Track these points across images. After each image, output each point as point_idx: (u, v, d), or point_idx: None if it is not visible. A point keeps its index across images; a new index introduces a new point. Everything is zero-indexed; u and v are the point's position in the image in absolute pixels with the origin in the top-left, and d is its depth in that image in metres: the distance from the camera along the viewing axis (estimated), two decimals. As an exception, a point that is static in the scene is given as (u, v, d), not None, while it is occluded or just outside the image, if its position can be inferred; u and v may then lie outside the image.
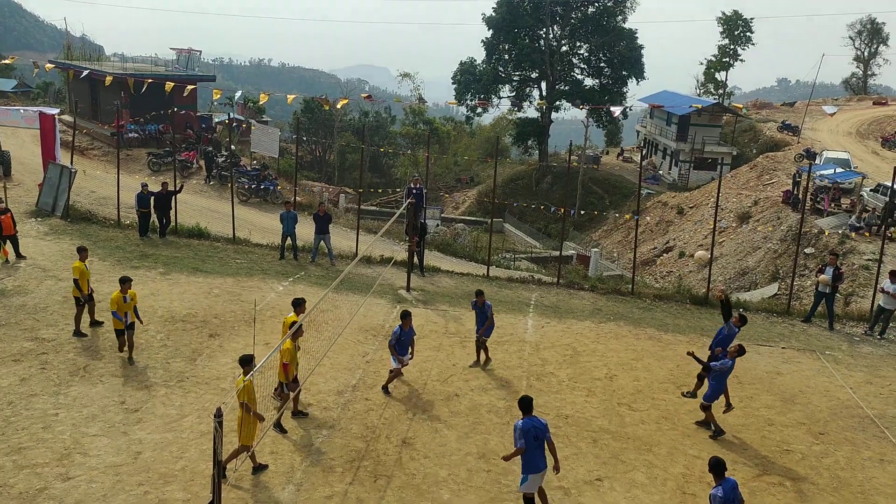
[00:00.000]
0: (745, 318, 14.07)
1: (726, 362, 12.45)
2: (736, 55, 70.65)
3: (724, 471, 8.85)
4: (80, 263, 15.04)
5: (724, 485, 8.70)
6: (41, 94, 62.02)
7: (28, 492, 9.99)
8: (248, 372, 10.13)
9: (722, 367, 12.44)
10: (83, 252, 15.40)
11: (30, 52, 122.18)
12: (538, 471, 9.66)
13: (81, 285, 14.91)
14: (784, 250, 31.59)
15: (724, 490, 8.62)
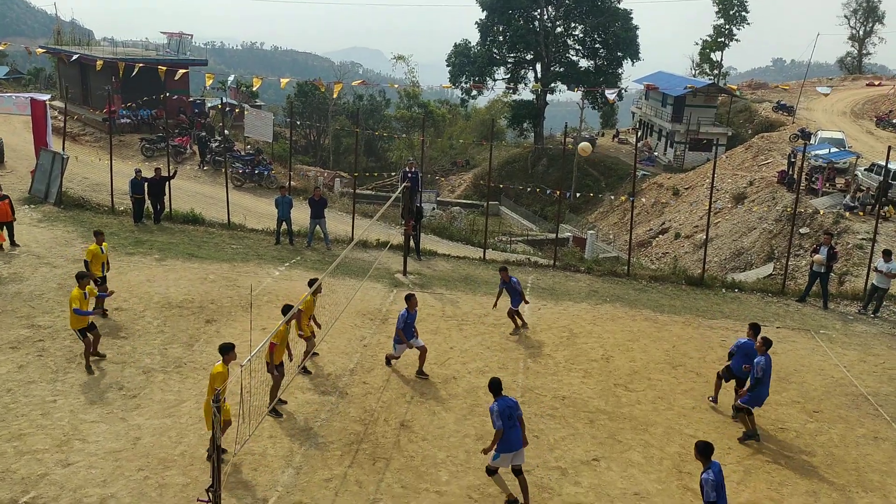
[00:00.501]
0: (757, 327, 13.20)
1: (760, 360, 11.84)
2: (731, 35, 70.38)
3: (711, 454, 8.88)
4: (96, 247, 15.15)
5: (713, 467, 8.79)
6: (32, 80, 61.50)
7: (30, 477, 10.04)
8: (227, 361, 10.26)
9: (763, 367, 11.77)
10: (99, 235, 15.49)
11: (21, 38, 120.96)
12: (511, 450, 9.91)
13: (93, 268, 14.98)
14: (779, 230, 31.67)
15: (713, 472, 8.70)
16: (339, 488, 10.30)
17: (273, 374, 11.89)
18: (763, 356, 11.91)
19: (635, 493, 10.68)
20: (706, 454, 8.85)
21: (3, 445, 10.71)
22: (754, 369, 11.90)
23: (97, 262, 15.16)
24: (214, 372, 10.18)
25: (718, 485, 8.67)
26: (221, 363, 10.25)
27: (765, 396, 12.09)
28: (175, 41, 46.98)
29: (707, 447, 8.90)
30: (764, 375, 11.84)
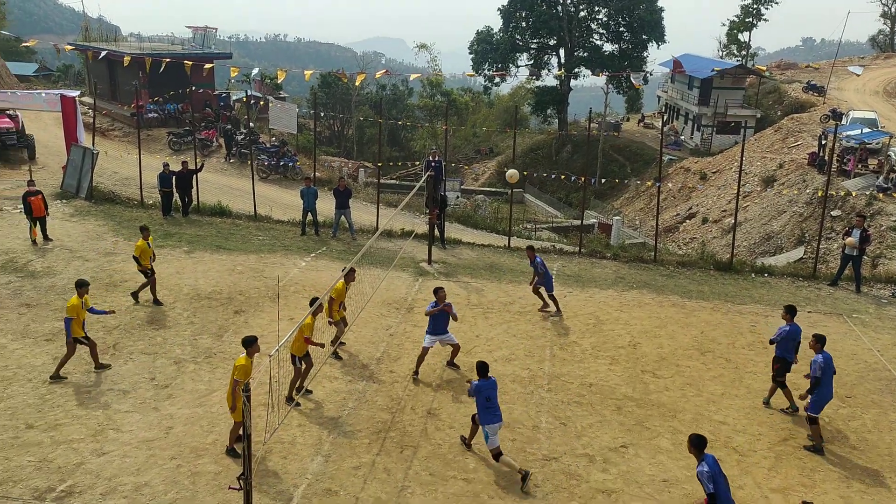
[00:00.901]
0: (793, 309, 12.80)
1: (817, 359, 11.27)
2: (759, 15, 69.04)
3: (705, 447, 8.87)
4: (143, 242, 15.55)
5: (707, 459, 8.77)
6: (62, 76, 62.45)
7: (66, 466, 10.28)
8: (251, 354, 10.38)
9: (821, 366, 11.22)
10: (145, 231, 15.87)
11: (49, 35, 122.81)
12: (494, 422, 10.45)
13: (144, 262, 15.47)
14: (810, 213, 31.13)
15: (708, 465, 8.70)
16: (368, 476, 10.40)
17: (295, 367, 12.02)
18: (820, 354, 11.30)
19: (664, 479, 10.64)
20: (700, 447, 8.83)
21: (40, 435, 10.98)
22: (812, 370, 11.28)
23: (145, 256, 15.61)
24: (237, 364, 10.33)
25: (715, 474, 8.63)
26: (245, 356, 10.37)
27: (828, 398, 11.43)
28: (200, 35, 47.39)
29: (700, 440, 8.87)
30: (823, 375, 11.20)
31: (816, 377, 11.24)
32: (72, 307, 12.52)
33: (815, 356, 11.35)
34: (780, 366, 12.50)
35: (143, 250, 15.54)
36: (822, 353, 11.33)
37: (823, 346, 11.42)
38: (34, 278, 16.89)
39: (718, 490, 8.57)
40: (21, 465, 10.25)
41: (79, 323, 12.60)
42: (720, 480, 8.66)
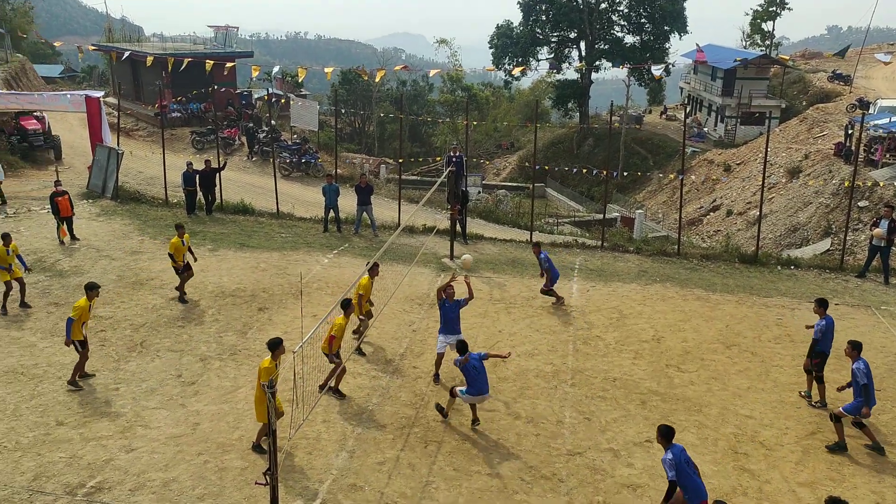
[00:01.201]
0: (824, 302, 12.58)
1: (859, 366, 10.90)
2: (783, 4, 67.89)
3: (672, 437, 8.98)
4: (177, 240, 15.88)
5: (673, 449, 8.87)
6: (86, 77, 63.29)
7: (96, 463, 10.45)
8: (276, 356, 10.35)
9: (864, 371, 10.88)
10: (180, 229, 16.19)
11: (74, 36, 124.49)
12: (479, 394, 11.29)
13: (177, 259, 15.83)
14: (836, 204, 30.66)
15: (673, 453, 8.80)
16: (393, 471, 10.45)
17: (333, 361, 12.10)
18: (861, 360, 10.96)
19: (690, 474, 10.55)
20: (668, 437, 8.96)
21: (70, 432, 11.17)
22: (858, 377, 10.86)
23: (179, 253, 15.93)
24: (262, 367, 10.31)
25: (679, 463, 8.74)
26: (270, 358, 10.35)
27: (872, 403, 11.00)
28: (221, 35, 47.80)
29: (668, 430, 9.01)
30: (868, 380, 10.83)
31: (865, 384, 10.80)
32: (78, 308, 12.38)
33: (855, 363, 10.93)
34: (819, 360, 12.30)
35: (177, 248, 15.90)
36: (861, 359, 10.99)
37: (860, 352, 11.10)
38: (62, 277, 17.17)
39: (681, 479, 8.70)
40: (53, 461, 10.44)
41: (79, 325, 12.37)
42: (685, 469, 8.78)
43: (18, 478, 10.07)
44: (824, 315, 12.33)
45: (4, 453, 10.61)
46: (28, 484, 9.96)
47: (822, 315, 12.34)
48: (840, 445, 11.13)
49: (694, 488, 8.70)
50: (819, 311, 12.41)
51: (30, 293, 16.01)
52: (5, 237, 15.27)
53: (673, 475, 8.65)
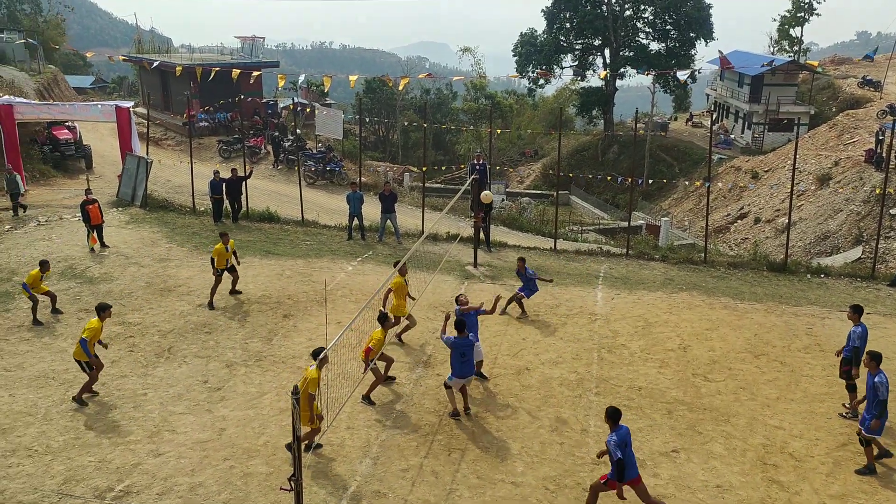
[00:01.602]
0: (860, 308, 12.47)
1: (881, 379, 10.46)
2: (811, 9, 67.06)
3: (619, 419, 9.31)
4: (220, 246, 16.40)
5: (619, 431, 9.23)
6: (116, 88, 64.47)
7: (124, 467, 10.58)
8: (321, 366, 10.30)
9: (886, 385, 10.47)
10: (224, 236, 16.69)
11: (104, 48, 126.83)
12: (463, 376, 11.78)
13: (218, 264, 16.29)
14: (868, 212, 30.15)
15: (619, 435, 9.19)
16: (416, 478, 10.44)
17: (373, 370, 12.23)
18: (880, 373, 10.52)
19: (717, 485, 10.41)
20: (615, 419, 9.30)
21: (99, 437, 11.33)
22: (874, 392, 10.44)
23: (221, 259, 16.38)
24: (310, 377, 10.19)
25: (623, 444, 9.16)
26: (316, 368, 10.23)
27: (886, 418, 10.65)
28: (248, 45, 48.39)
29: (616, 412, 9.34)
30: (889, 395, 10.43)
31: (884, 399, 10.43)
32: (90, 329, 12.33)
33: (876, 377, 10.50)
34: (848, 367, 12.12)
35: (220, 254, 16.33)
36: (882, 372, 10.57)
37: (879, 363, 10.69)
38: (92, 284, 17.45)
39: (627, 459, 9.14)
40: (82, 465, 10.60)
41: (92, 345, 12.34)
42: (627, 452, 9.21)
43: (49, 481, 10.24)
44: (859, 322, 12.14)
45: (35, 457, 10.79)
46: (58, 487, 10.11)
47: (857, 322, 12.15)
48: (870, 468, 10.69)
49: (630, 466, 9.30)
50: (853, 316, 12.25)
51: (61, 300, 16.30)
52: (43, 264, 15.73)
53: (619, 454, 9.09)
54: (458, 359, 11.66)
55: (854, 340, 12.07)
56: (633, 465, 9.33)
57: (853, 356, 12.07)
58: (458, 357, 11.66)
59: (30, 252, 19.38)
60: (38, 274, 15.51)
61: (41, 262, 15.87)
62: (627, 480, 9.28)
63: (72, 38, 79.63)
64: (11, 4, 62.35)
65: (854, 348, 12.05)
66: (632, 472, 9.31)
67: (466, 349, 11.70)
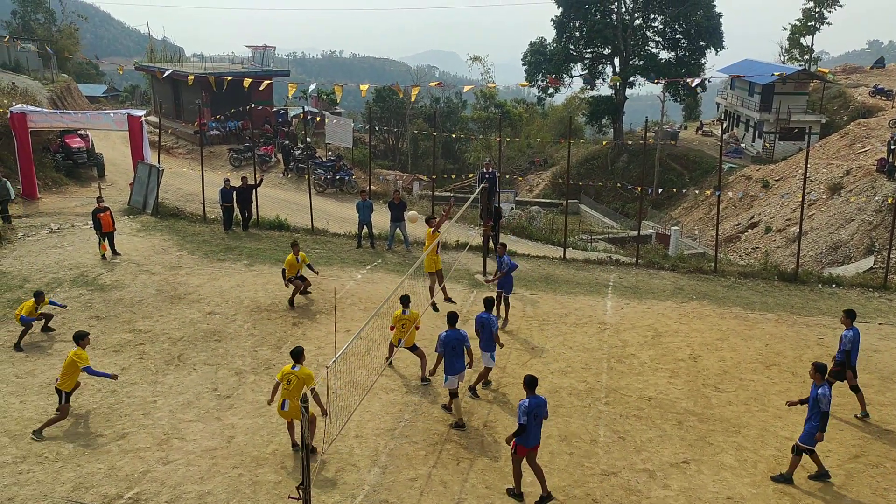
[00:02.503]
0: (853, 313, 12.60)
1: (825, 392, 10.39)
2: (822, 18, 66.92)
3: (535, 387, 9.95)
4: (292, 257, 16.82)
5: (532, 399, 9.82)
6: (128, 97, 64.96)
7: (133, 474, 10.61)
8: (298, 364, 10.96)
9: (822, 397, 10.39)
10: (295, 247, 17.20)
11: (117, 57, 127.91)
12: (456, 373, 11.96)
13: (289, 275, 16.83)
14: (880, 221, 29.95)
15: (529, 402, 9.78)
16: (425, 488, 10.41)
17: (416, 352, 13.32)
18: (822, 385, 10.43)
19: (728, 497, 10.33)
20: (531, 387, 9.93)
21: (108, 444, 11.37)
22: (817, 404, 10.35)
23: (292, 270, 16.80)
24: (307, 373, 10.82)
25: (530, 411, 9.73)
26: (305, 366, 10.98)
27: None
28: (259, 54, 48.63)
29: (532, 380, 9.98)
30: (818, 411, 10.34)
31: (826, 412, 10.36)
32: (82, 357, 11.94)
33: (819, 388, 10.41)
34: (840, 368, 12.29)
35: (291, 264, 16.73)
36: (825, 384, 10.49)
37: (824, 375, 10.58)
38: (103, 291, 17.54)
39: (529, 427, 9.73)
40: (92, 472, 10.63)
41: (73, 376, 11.95)
42: (531, 419, 9.76)
43: (59, 488, 10.27)
44: (851, 326, 12.34)
45: (45, 464, 10.84)
46: (67, 494, 10.14)
47: (850, 326, 12.35)
48: (821, 474, 10.66)
49: (534, 436, 9.94)
50: (846, 321, 12.44)
51: (73, 307, 16.40)
52: (38, 296, 15.01)
53: (524, 420, 9.70)
54: (450, 354, 11.90)
55: (846, 344, 12.26)
56: (535, 436, 9.95)
57: (846, 359, 12.28)
58: (450, 352, 11.90)
59: (42, 259, 19.52)
60: (32, 305, 14.85)
61: (35, 293, 15.12)
62: (531, 448, 9.96)
63: (85, 47, 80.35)
64: (26, 14, 62.96)
65: (845, 351, 12.25)
66: (534, 441, 9.97)
67: (457, 342, 11.96)
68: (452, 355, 11.91)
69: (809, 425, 10.49)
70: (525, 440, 9.83)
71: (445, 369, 12.01)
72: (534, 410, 9.79)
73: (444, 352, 11.97)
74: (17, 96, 33.59)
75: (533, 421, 9.82)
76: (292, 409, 10.72)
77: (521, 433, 9.74)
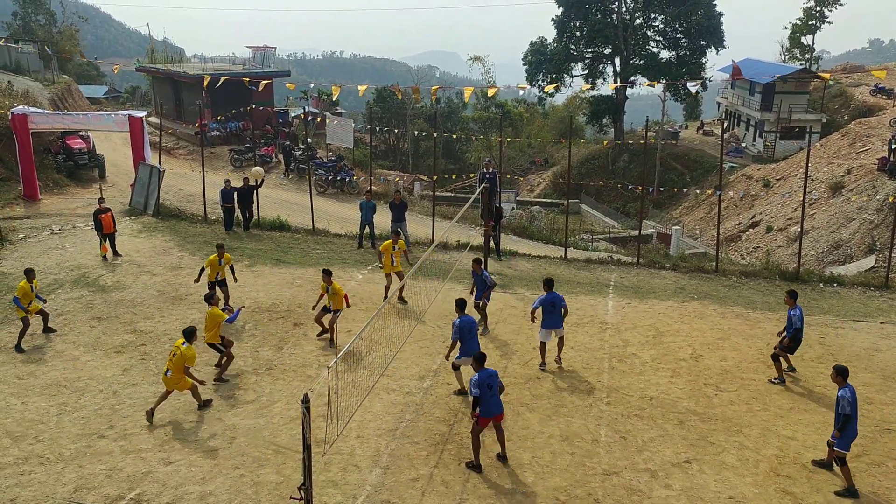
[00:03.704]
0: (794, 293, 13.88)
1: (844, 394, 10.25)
2: (822, 17, 66.90)
3: (484, 362, 10.70)
4: (215, 257, 16.39)
5: (481, 373, 10.55)
6: (129, 98, 65.00)
7: (135, 475, 10.61)
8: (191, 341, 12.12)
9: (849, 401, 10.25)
10: (221, 248, 16.77)
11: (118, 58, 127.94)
12: (470, 354, 12.08)
13: (210, 275, 16.43)
14: (881, 220, 29.93)
15: (480, 376, 10.50)
16: (426, 488, 10.41)
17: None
18: (845, 388, 10.29)
19: (730, 496, 10.32)
20: (481, 362, 10.70)
21: (110, 445, 11.37)
22: (840, 406, 10.22)
23: (214, 271, 16.49)
24: (190, 354, 12.04)
25: (483, 384, 10.45)
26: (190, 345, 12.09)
27: (854, 435, 10.40)
28: (259, 54, 48.64)
29: (482, 357, 10.77)
30: (852, 410, 10.19)
31: (846, 414, 10.18)
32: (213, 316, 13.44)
33: (840, 391, 10.30)
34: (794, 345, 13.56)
35: (213, 265, 16.39)
36: (848, 385, 10.33)
37: (846, 378, 10.42)
38: (104, 292, 17.55)
39: (483, 397, 10.43)
40: (93, 473, 10.63)
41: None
42: (486, 391, 10.46)
43: (60, 489, 10.28)
44: (795, 305, 13.53)
45: (47, 465, 10.84)
46: (69, 495, 10.15)
47: (793, 306, 13.54)
48: (850, 490, 10.31)
49: (493, 406, 10.65)
50: (789, 301, 13.62)
51: (73, 308, 16.41)
52: (29, 273, 15.01)
53: (476, 392, 10.44)
54: (466, 337, 12.55)
55: (798, 322, 13.38)
56: (495, 405, 10.67)
57: (792, 337, 13.50)
58: (466, 335, 12.55)
59: (43, 260, 19.53)
60: (27, 285, 14.74)
61: (26, 270, 15.12)
62: (492, 417, 10.70)
63: (85, 48, 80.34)
64: (27, 15, 63.04)
65: (797, 329, 13.41)
66: (495, 410, 10.70)
67: (472, 325, 12.74)
68: (468, 338, 12.62)
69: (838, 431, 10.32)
70: (487, 411, 10.55)
71: (460, 352, 12.71)
72: (486, 381, 10.52)
73: (461, 336, 12.57)
74: (18, 97, 33.60)
75: (488, 391, 10.50)
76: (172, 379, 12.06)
77: (477, 405, 10.48)
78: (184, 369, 12.05)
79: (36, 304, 15.19)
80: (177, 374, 12.06)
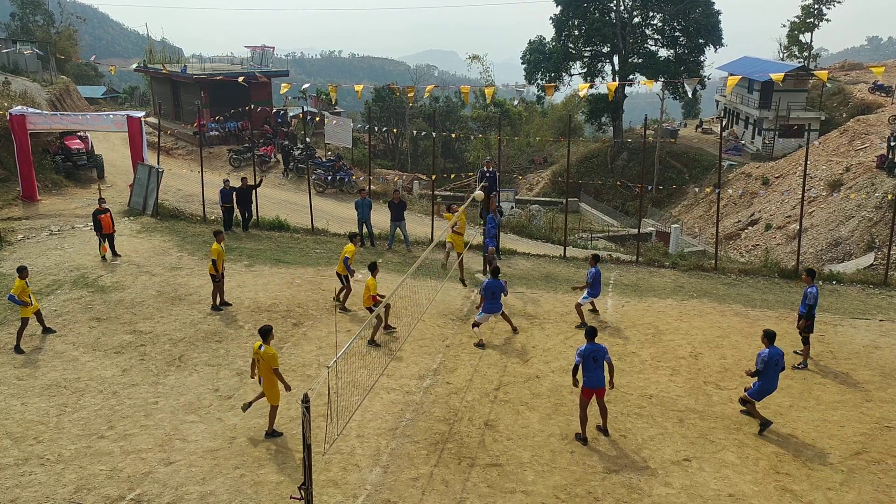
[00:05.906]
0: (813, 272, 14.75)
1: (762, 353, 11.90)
2: (821, 15, 66.85)
3: (594, 337, 11.49)
4: (218, 245, 16.42)
5: (590, 345, 11.34)
6: (128, 98, 64.92)
7: (135, 476, 10.61)
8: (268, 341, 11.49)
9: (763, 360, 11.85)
10: (219, 234, 16.87)
11: (116, 58, 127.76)
12: (492, 312, 14.98)
13: (220, 263, 16.39)
14: (880, 218, 29.95)
15: (586, 347, 11.30)
16: (426, 487, 10.42)
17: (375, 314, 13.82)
18: (767, 349, 11.80)
19: (730, 494, 10.33)
20: (592, 336, 11.52)
21: (110, 445, 11.37)
22: (756, 362, 11.92)
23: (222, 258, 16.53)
24: (271, 353, 11.42)
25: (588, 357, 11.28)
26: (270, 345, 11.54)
27: (770, 390, 11.97)
28: (258, 54, 48.58)
29: (592, 330, 11.57)
30: (766, 368, 11.72)
31: (758, 370, 11.79)
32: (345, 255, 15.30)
33: (761, 350, 11.86)
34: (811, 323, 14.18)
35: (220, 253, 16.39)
36: (771, 348, 11.76)
37: (772, 342, 11.82)
38: (104, 293, 17.55)
39: (586, 368, 11.21)
40: (94, 474, 10.64)
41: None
42: (591, 364, 11.25)
43: (60, 490, 10.28)
44: (812, 283, 14.21)
45: (47, 465, 10.84)
46: (69, 496, 10.15)
47: (811, 283, 14.22)
48: (764, 423, 11.84)
49: (595, 379, 11.34)
50: (807, 279, 14.38)
51: (73, 308, 16.41)
52: (21, 270, 14.91)
53: (579, 361, 11.35)
54: (489, 298, 14.73)
55: (809, 299, 14.04)
56: (598, 378, 11.35)
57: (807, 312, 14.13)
58: (489, 296, 14.72)
59: (42, 261, 19.52)
60: (21, 283, 14.62)
61: (19, 268, 15.03)
62: (595, 389, 11.45)
63: (83, 48, 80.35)
64: (24, 16, 62.94)
65: (809, 306, 14.05)
66: (598, 383, 11.40)
67: (497, 288, 14.75)
68: (492, 299, 14.72)
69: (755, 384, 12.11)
70: (589, 382, 11.37)
71: (484, 308, 14.77)
72: (591, 354, 11.33)
73: (485, 295, 14.75)
74: (16, 98, 33.58)
75: (592, 364, 11.31)
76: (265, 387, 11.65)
77: (576, 372, 11.53)
78: (273, 372, 11.37)
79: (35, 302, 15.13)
80: (267, 379, 11.43)
